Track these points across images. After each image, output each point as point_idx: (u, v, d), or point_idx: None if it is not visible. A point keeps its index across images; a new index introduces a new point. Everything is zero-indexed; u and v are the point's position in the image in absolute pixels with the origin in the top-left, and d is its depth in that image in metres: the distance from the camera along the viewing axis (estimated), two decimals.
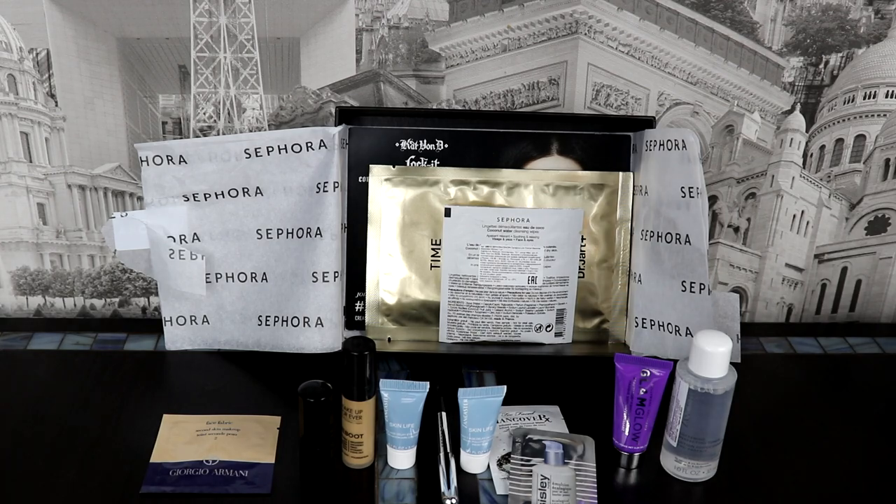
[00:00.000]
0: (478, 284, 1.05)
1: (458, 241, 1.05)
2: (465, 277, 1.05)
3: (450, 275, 1.05)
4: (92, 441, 0.92)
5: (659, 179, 1.01)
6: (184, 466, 0.89)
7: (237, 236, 1.04)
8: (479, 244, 1.05)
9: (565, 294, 1.07)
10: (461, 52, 1.08)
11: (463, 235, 1.04)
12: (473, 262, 1.05)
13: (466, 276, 1.05)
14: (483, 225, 1.04)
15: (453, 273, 1.05)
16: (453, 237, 1.04)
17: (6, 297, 1.17)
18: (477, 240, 1.04)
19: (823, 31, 1.09)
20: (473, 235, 1.04)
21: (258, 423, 0.96)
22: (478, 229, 1.04)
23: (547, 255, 1.05)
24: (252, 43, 1.06)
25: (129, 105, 1.08)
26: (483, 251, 1.04)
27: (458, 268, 1.05)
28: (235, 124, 1.10)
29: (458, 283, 1.06)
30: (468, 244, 1.04)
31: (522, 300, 1.06)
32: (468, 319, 1.06)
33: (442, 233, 1.05)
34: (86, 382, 1.03)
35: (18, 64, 1.05)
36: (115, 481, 0.87)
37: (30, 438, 0.93)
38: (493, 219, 1.04)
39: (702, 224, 0.97)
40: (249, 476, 0.88)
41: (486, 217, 1.04)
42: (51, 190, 1.11)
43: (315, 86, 1.09)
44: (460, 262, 1.05)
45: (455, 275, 1.05)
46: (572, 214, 1.05)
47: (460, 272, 1.05)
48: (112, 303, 1.18)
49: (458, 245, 1.05)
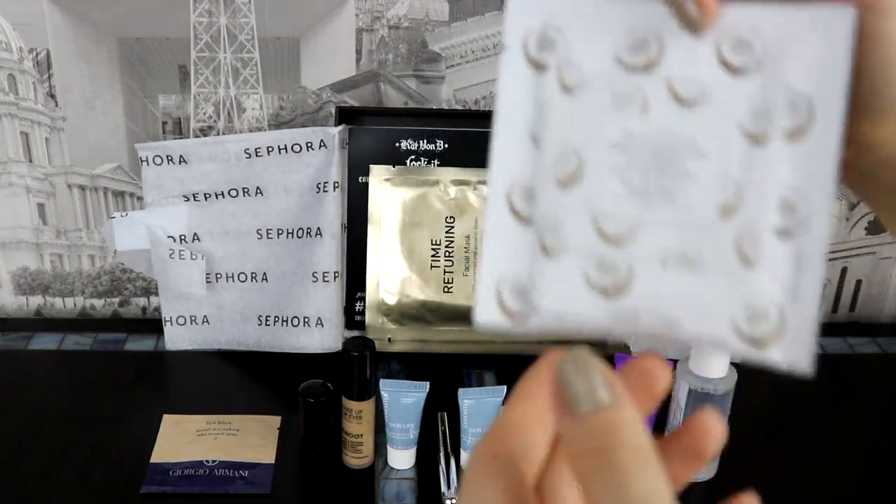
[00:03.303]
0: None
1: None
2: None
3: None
4: (92, 441, 0.92)
5: None
6: (184, 466, 0.89)
7: (237, 236, 1.04)
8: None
9: None
10: (461, 51, 1.08)
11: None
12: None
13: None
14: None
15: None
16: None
17: (6, 297, 1.17)
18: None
19: None
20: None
21: (258, 423, 0.96)
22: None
23: None
24: (252, 43, 1.06)
25: (129, 105, 1.08)
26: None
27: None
28: (235, 124, 1.10)
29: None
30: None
31: None
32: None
33: (442, 232, 1.05)
34: (86, 382, 1.03)
35: (18, 64, 1.05)
36: (116, 481, 0.87)
37: (30, 438, 0.93)
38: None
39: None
40: (249, 476, 0.88)
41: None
42: (51, 190, 1.11)
43: (315, 86, 1.09)
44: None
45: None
46: None
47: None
48: (112, 303, 1.18)
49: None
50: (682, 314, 0.32)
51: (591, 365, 0.29)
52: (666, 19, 0.32)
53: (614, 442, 0.27)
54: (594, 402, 0.28)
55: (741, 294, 0.31)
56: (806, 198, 0.31)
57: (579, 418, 0.27)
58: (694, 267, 0.32)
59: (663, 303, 0.32)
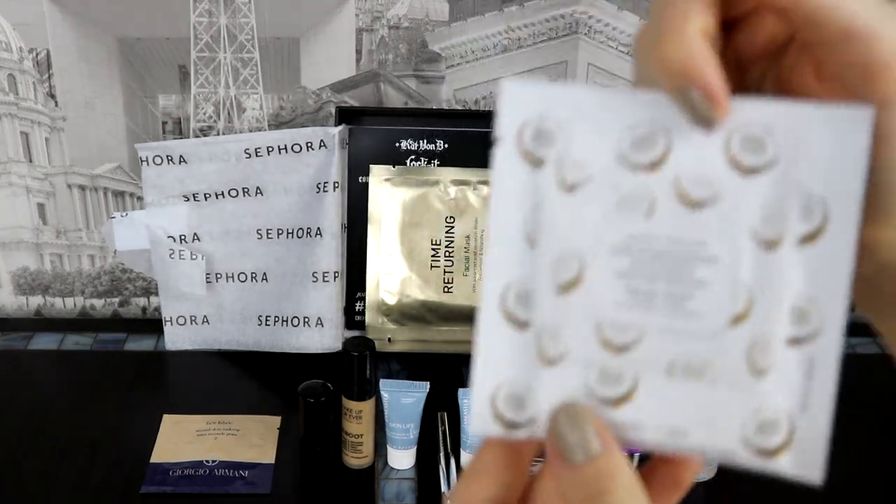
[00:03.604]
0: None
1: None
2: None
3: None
4: (92, 441, 0.92)
5: None
6: (184, 466, 0.89)
7: (237, 236, 1.04)
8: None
9: None
10: (461, 52, 1.08)
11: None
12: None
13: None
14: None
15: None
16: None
17: (6, 297, 1.17)
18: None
19: None
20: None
21: (258, 423, 0.96)
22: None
23: None
24: (252, 43, 1.06)
25: (129, 105, 1.08)
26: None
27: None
28: (235, 124, 1.10)
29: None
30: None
31: None
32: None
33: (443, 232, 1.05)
34: (86, 382, 1.03)
35: (18, 64, 1.05)
36: (116, 481, 0.87)
37: (30, 438, 0.93)
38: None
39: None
40: (250, 476, 0.88)
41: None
42: (51, 190, 1.11)
43: (315, 86, 1.09)
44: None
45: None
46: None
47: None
48: (112, 303, 1.18)
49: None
50: (688, 426, 0.31)
51: (583, 416, 0.30)
52: (673, 114, 0.30)
53: (609, 488, 0.29)
54: (587, 452, 0.30)
55: (751, 405, 0.30)
56: (819, 305, 0.30)
57: (574, 468, 0.30)
58: (702, 377, 0.31)
59: (669, 414, 0.31)
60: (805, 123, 0.30)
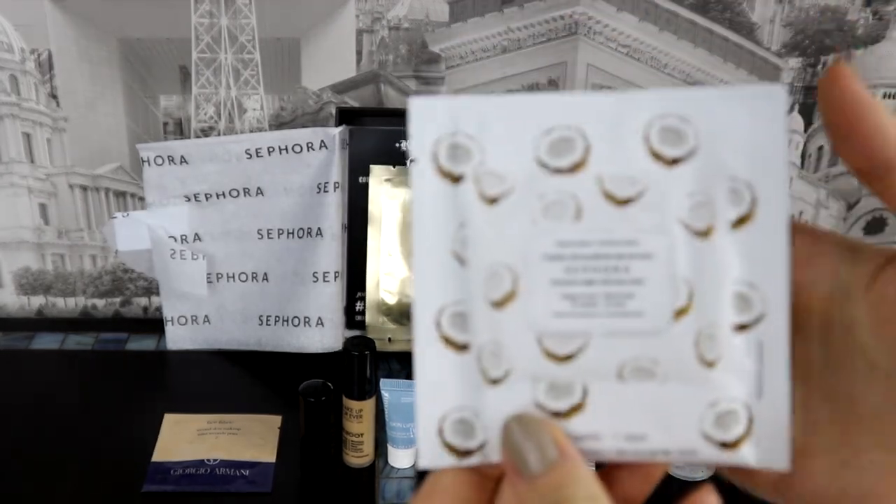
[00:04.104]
0: None
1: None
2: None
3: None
4: (94, 440, 0.93)
5: None
6: (185, 465, 0.89)
7: (238, 236, 1.04)
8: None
9: None
10: (461, 53, 1.09)
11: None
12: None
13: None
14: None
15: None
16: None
17: (8, 297, 1.17)
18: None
19: (822, 33, 1.09)
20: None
21: (259, 422, 0.96)
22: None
23: None
24: (253, 44, 1.06)
25: (131, 106, 1.09)
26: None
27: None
28: (236, 125, 1.10)
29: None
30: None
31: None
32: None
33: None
34: (88, 382, 1.03)
35: (20, 65, 1.05)
36: (118, 480, 0.88)
37: (32, 438, 0.93)
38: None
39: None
40: (250, 475, 0.89)
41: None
42: (52, 190, 1.11)
43: (315, 86, 1.09)
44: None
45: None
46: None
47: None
48: (113, 303, 1.19)
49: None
50: (645, 429, 0.30)
51: (537, 425, 0.29)
52: (586, 114, 0.30)
53: (569, 497, 0.28)
54: (544, 461, 0.28)
55: (706, 399, 0.30)
56: (760, 288, 0.29)
57: (531, 479, 0.28)
58: (653, 377, 0.30)
59: (624, 419, 0.30)
60: (721, 108, 0.29)
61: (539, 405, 0.30)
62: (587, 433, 0.30)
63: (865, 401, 0.29)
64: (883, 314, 0.28)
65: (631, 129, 0.29)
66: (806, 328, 0.30)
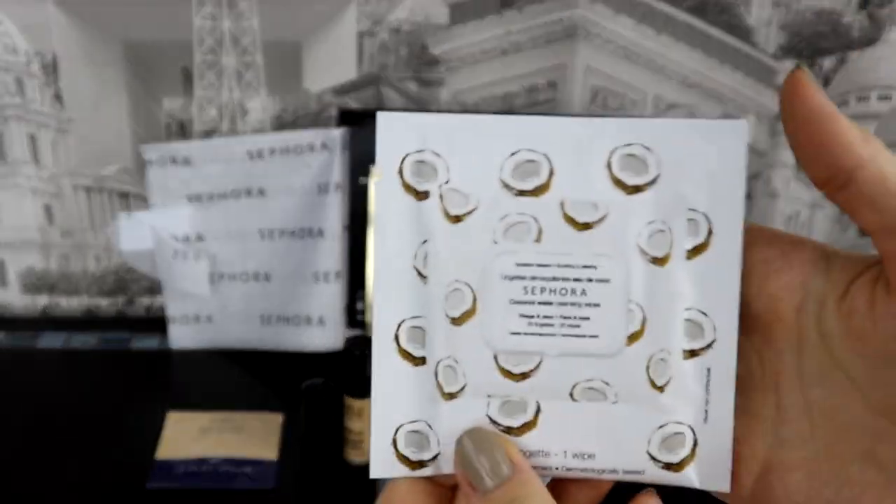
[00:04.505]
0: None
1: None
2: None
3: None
4: (99, 438, 0.94)
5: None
6: (189, 463, 0.91)
7: (240, 237, 1.05)
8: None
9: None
10: (461, 55, 1.10)
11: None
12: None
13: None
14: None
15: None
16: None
17: (13, 296, 1.18)
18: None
19: (817, 35, 1.10)
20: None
21: (261, 420, 0.97)
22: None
23: None
24: (255, 46, 1.07)
25: (134, 108, 1.10)
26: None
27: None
28: (239, 127, 1.11)
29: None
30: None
31: None
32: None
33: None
34: (92, 381, 1.04)
35: (26, 67, 1.06)
36: (122, 478, 0.89)
37: (37, 436, 0.94)
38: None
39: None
40: (253, 472, 0.90)
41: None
42: (57, 191, 1.12)
43: (317, 89, 1.10)
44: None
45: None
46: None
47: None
48: (117, 302, 1.20)
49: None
50: (594, 448, 0.31)
51: (490, 440, 0.30)
52: (552, 137, 0.30)
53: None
54: (497, 476, 0.29)
55: (654, 422, 0.30)
56: (711, 316, 0.30)
57: (484, 493, 0.29)
58: (604, 398, 0.30)
59: (573, 437, 0.31)
60: (684, 139, 0.30)
61: (492, 420, 0.30)
62: (537, 449, 0.30)
63: (845, 414, 0.29)
64: (856, 328, 0.28)
65: (595, 156, 0.30)
66: (778, 340, 0.30)
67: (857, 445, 0.29)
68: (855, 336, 0.28)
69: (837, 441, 0.29)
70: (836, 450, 0.29)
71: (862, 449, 0.29)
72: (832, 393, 0.29)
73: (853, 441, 0.29)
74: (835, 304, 0.29)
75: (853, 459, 0.29)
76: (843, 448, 0.29)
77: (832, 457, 0.29)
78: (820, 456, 0.29)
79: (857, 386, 0.28)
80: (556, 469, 0.31)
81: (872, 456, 0.28)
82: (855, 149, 0.27)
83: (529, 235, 0.30)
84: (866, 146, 0.27)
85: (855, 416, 0.29)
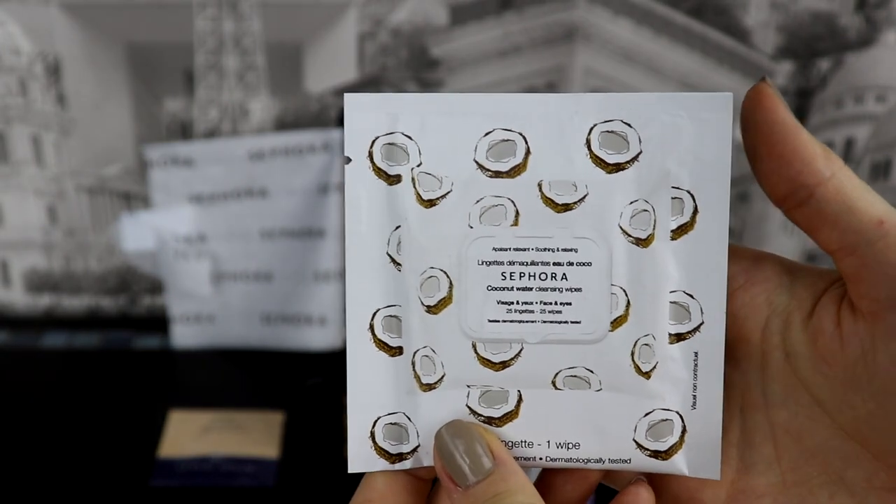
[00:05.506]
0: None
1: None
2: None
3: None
4: (101, 437, 0.94)
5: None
6: (191, 461, 0.91)
7: (242, 237, 1.06)
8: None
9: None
10: (460, 56, 1.10)
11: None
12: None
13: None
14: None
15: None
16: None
17: (17, 296, 1.19)
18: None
19: (814, 37, 1.11)
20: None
21: (262, 419, 0.98)
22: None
23: None
24: (256, 48, 1.08)
25: (136, 109, 1.10)
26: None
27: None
28: (240, 127, 1.12)
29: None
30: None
31: None
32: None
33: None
34: (94, 379, 1.05)
35: (29, 68, 1.07)
36: (125, 475, 0.89)
37: (41, 434, 0.95)
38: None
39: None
40: (254, 471, 0.90)
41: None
42: (59, 192, 1.13)
43: (318, 90, 1.10)
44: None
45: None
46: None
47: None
48: (119, 302, 1.20)
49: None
50: (579, 437, 0.29)
51: (470, 432, 0.28)
52: (527, 116, 0.28)
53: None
54: (478, 470, 0.28)
55: (641, 408, 0.29)
56: (698, 297, 0.29)
57: (466, 488, 0.28)
58: (588, 386, 0.29)
59: (557, 427, 0.29)
60: (666, 114, 0.28)
61: (473, 411, 0.29)
62: (519, 440, 0.29)
63: (812, 437, 0.28)
64: (822, 349, 0.27)
65: (573, 133, 0.28)
66: (743, 360, 0.29)
67: (825, 470, 0.28)
68: (821, 357, 0.27)
69: (804, 465, 0.28)
70: (803, 474, 0.28)
71: (831, 473, 0.27)
72: (798, 415, 0.28)
73: (821, 465, 0.28)
74: (801, 324, 0.28)
75: (822, 484, 0.28)
76: (810, 472, 0.28)
77: (800, 482, 0.28)
78: (788, 482, 0.28)
79: (825, 408, 0.27)
80: (540, 460, 0.30)
81: (842, 480, 0.27)
82: (817, 164, 0.26)
83: (506, 219, 0.29)
84: (828, 163, 0.26)
85: (822, 440, 0.28)
